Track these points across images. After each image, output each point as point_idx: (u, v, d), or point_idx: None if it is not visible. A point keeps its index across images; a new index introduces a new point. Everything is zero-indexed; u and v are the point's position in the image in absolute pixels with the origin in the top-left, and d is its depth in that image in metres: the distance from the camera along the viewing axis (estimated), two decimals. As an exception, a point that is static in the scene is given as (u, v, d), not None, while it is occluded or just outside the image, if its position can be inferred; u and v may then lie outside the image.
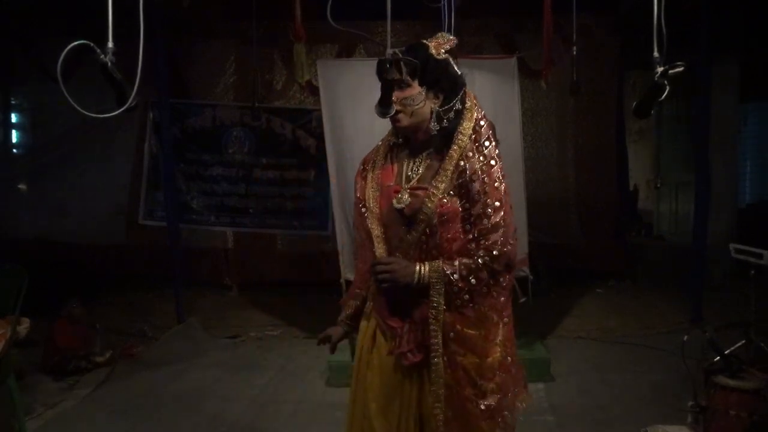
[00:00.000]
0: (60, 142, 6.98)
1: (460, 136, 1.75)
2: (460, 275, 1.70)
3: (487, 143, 1.76)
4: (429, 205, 1.72)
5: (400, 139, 1.90)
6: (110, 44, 1.60)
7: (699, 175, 5.33)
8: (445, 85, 1.77)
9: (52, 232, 6.85)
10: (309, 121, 6.62)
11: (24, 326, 3.04)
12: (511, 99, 4.65)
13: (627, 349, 4.81)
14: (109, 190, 6.98)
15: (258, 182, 6.79)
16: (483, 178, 1.72)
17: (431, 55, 1.75)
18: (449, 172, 1.73)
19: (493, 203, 1.72)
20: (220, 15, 6.67)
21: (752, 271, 3.34)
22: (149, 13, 1.75)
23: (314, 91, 6.03)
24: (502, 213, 1.72)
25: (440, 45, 1.78)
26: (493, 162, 1.75)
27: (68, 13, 5.81)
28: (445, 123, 1.77)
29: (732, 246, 3.56)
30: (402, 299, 1.78)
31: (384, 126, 1.94)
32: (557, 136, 6.92)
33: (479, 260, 1.71)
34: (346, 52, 6.57)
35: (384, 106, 1.74)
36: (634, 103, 2.17)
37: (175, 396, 4.06)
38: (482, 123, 1.78)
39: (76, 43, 1.55)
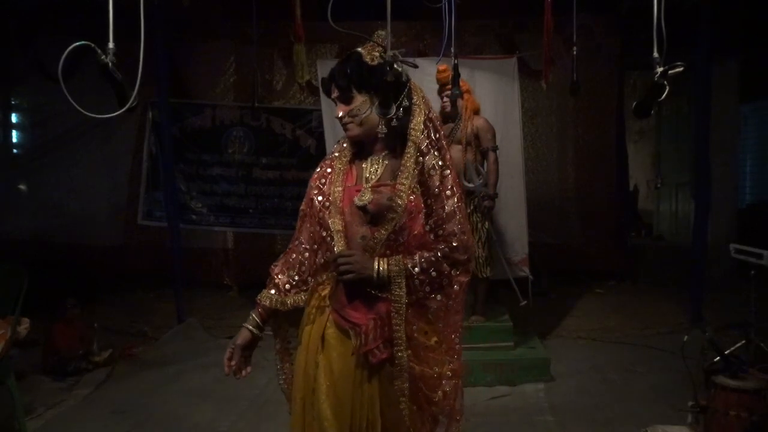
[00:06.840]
0: (60, 142, 6.96)
1: (414, 132, 1.76)
2: (421, 268, 1.70)
3: (437, 135, 1.79)
4: (399, 202, 1.72)
5: (355, 146, 1.89)
6: (111, 44, 1.60)
7: (699, 175, 5.32)
8: (386, 87, 1.75)
9: (51, 232, 6.83)
10: (309, 121, 6.63)
11: (24, 326, 3.04)
12: (511, 99, 4.66)
13: (627, 349, 4.81)
14: (108, 190, 6.98)
15: (258, 182, 6.79)
16: (439, 172, 1.75)
17: (365, 63, 1.78)
18: (411, 168, 1.75)
19: (445, 192, 1.74)
20: (220, 15, 6.67)
21: (752, 271, 3.35)
22: (149, 13, 1.75)
23: (314, 91, 6.03)
24: (455, 200, 1.75)
25: (371, 50, 1.81)
26: (443, 153, 1.78)
27: (68, 13, 5.80)
28: (394, 122, 1.77)
29: (732, 246, 3.57)
30: (365, 294, 1.75)
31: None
32: (557, 136, 6.92)
33: (439, 253, 1.71)
34: (346, 52, 6.57)
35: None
36: (634, 104, 2.17)
37: (175, 396, 4.05)
38: (431, 116, 1.80)
39: (77, 43, 1.55)
